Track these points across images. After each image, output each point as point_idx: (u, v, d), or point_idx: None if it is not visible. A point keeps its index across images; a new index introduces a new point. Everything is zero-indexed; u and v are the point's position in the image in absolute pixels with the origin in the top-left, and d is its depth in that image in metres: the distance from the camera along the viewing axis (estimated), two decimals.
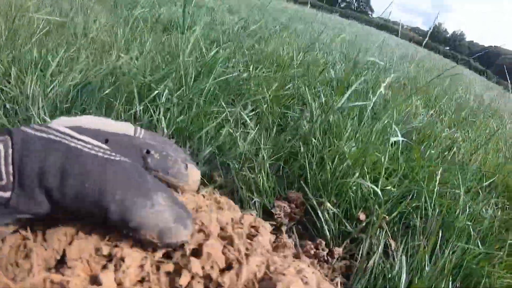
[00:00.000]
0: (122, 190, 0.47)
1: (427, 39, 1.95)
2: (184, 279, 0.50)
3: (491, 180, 1.76)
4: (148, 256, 0.50)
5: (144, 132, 0.61)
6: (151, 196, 0.49)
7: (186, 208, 0.55)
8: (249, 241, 0.64)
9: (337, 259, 1.06)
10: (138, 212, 0.47)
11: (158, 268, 0.50)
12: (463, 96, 4.75)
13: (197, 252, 0.54)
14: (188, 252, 0.53)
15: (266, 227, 0.73)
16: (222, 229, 0.62)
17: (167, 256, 0.53)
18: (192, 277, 0.51)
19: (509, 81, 2.94)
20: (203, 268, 0.52)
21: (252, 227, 0.72)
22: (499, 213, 1.50)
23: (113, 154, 0.50)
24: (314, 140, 1.34)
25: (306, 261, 0.63)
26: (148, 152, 0.56)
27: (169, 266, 0.51)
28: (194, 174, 0.64)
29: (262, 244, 0.63)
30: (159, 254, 0.52)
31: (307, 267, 0.58)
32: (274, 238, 1.09)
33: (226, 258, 0.55)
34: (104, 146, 0.51)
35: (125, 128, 0.59)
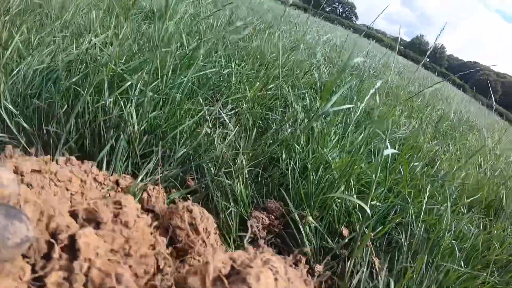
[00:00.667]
0: None
1: (425, 57, 1.93)
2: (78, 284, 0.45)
3: (473, 198, 1.73)
4: (21, 278, 0.45)
5: None
6: None
7: (11, 205, 0.49)
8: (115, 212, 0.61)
9: (318, 276, 0.98)
10: None
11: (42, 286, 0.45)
12: (443, 109, 4.79)
13: (71, 246, 0.49)
14: (57, 255, 0.48)
15: (128, 198, 0.70)
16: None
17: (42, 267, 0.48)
18: (86, 276, 0.46)
19: (492, 97, 2.95)
20: (89, 260, 0.47)
21: (115, 203, 0.67)
22: (480, 231, 1.46)
23: None
24: (297, 146, 1.25)
25: (271, 251, 0.59)
26: None
27: (56, 275, 0.46)
28: (3, 176, 0.56)
29: (129, 213, 0.61)
30: (28, 272, 0.46)
31: (272, 257, 0.55)
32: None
33: (103, 240, 0.52)
34: None
35: None
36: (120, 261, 0.52)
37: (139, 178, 1.05)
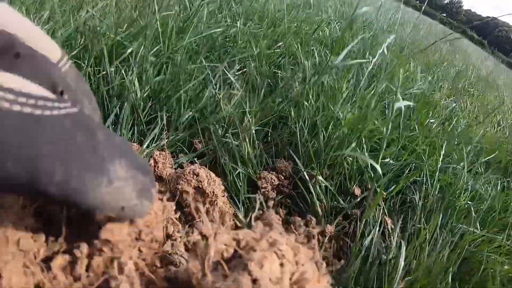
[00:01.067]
0: (64, 165, 0.32)
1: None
2: (114, 270, 0.42)
3: (491, 156, 1.67)
4: (36, 256, 0.41)
5: (70, 67, 0.42)
6: (107, 169, 0.35)
7: (150, 171, 0.42)
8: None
9: (329, 237, 0.96)
10: (91, 194, 0.33)
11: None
12: (460, 65, 4.62)
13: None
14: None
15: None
16: None
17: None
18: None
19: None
20: (107, 241, 0.44)
21: None
22: (498, 192, 1.41)
23: (49, 104, 0.33)
24: (306, 103, 1.20)
25: (279, 229, 0.54)
26: (61, 93, 0.38)
27: (61, 259, 0.42)
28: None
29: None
30: (42, 251, 0.42)
31: (280, 237, 0.49)
32: (260, 214, 0.98)
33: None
34: (35, 91, 0.32)
35: (50, 47, 0.40)
36: (130, 246, 0.49)
37: (145, 145, 1.03)
